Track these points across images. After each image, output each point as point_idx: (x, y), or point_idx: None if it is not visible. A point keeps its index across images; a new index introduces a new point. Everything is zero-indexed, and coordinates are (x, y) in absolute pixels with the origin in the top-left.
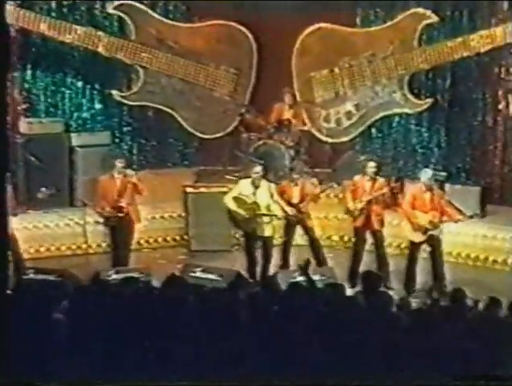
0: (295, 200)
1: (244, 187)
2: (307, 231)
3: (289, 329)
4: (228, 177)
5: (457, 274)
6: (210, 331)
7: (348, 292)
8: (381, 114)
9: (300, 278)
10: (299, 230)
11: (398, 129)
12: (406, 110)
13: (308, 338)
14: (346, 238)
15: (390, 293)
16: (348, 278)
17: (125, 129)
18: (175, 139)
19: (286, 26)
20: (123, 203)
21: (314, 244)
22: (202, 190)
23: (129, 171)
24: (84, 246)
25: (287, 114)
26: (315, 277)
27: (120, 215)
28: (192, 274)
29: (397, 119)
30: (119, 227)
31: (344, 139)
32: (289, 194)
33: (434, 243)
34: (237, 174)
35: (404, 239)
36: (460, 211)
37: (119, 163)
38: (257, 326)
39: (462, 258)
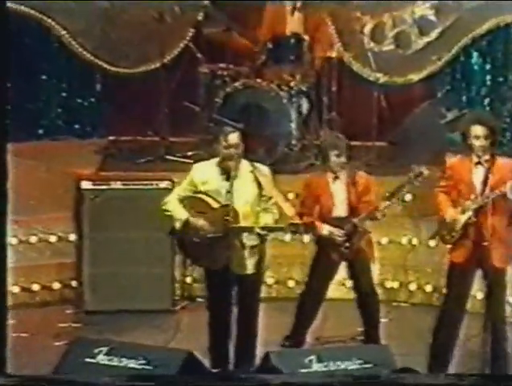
0: (342, 211)
1: (205, 177)
2: (361, 272)
3: None
4: (169, 158)
5: None
6: None
7: None
8: (488, 25)
9: (320, 366)
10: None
11: None
12: None
13: None
14: (414, 286)
15: None
16: (426, 365)
17: None
18: (56, 78)
19: None
20: None
21: (368, 297)
22: (114, 185)
23: None
24: None
25: (293, 25)
26: (355, 365)
27: None
28: (89, 360)
29: None
30: None
31: (414, 77)
32: (326, 199)
33: None
34: (189, 153)
35: None
36: None
37: None
38: None
39: None
